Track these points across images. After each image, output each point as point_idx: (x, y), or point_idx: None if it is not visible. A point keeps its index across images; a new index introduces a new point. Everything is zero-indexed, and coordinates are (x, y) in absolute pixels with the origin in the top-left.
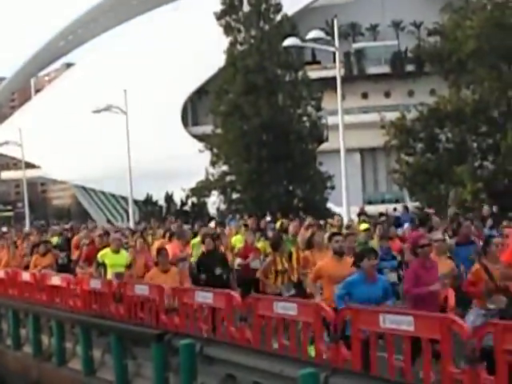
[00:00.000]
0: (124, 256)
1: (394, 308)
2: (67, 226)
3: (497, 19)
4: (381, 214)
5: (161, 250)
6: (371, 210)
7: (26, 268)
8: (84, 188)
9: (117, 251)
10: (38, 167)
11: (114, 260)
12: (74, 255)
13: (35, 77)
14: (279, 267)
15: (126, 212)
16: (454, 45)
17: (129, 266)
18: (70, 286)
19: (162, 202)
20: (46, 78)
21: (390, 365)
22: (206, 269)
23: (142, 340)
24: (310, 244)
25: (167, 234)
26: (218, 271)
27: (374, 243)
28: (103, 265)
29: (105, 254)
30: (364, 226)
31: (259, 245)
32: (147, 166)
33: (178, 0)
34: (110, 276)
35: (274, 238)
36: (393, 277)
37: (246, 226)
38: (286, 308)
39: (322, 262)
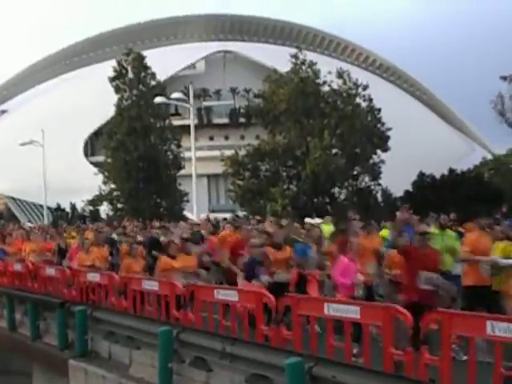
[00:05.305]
0: None
1: None
2: None
3: (300, 88)
4: (224, 219)
5: None
6: (214, 215)
7: None
8: (13, 198)
9: None
10: None
11: None
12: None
13: None
14: None
15: (42, 215)
16: (272, 105)
17: None
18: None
19: (67, 210)
20: None
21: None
22: None
23: (49, 306)
24: None
25: None
26: None
27: None
28: None
29: None
30: None
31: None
32: (58, 183)
33: (89, 66)
34: None
35: None
36: None
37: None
38: (152, 285)
39: None
